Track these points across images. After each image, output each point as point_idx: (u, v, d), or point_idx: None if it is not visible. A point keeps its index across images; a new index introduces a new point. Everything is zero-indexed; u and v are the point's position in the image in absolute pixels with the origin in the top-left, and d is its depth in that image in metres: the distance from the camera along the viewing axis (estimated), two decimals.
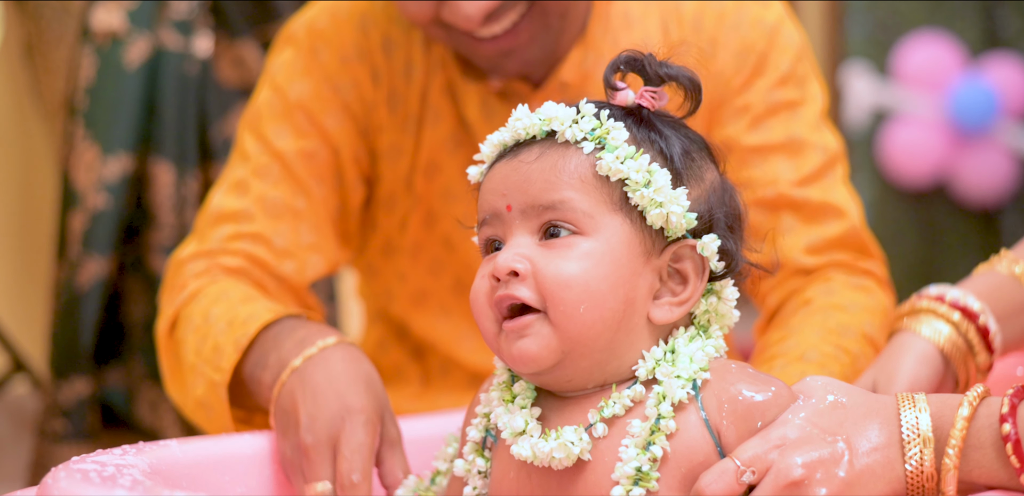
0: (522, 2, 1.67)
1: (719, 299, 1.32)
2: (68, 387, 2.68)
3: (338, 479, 1.45)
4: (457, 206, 1.87)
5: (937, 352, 1.51)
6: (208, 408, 1.65)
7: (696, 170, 1.31)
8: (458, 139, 1.86)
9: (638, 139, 1.30)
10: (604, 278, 1.25)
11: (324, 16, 1.88)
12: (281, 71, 1.87)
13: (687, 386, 1.24)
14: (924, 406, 1.21)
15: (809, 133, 1.81)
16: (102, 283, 2.66)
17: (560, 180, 1.28)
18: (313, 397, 1.50)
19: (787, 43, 1.83)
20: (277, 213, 1.81)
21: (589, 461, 1.26)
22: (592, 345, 1.27)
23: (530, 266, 1.26)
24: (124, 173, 2.66)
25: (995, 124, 4.70)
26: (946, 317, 1.52)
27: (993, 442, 1.18)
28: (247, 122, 1.88)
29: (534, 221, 1.28)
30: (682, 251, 1.29)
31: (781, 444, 1.20)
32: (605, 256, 1.26)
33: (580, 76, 1.81)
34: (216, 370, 1.63)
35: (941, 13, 4.88)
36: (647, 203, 1.26)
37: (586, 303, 1.25)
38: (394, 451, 1.52)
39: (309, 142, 1.83)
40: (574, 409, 1.29)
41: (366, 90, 1.85)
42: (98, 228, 2.67)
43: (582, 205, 1.27)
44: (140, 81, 2.70)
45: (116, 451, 1.39)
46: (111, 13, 2.71)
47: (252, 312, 1.65)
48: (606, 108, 1.32)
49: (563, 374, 1.29)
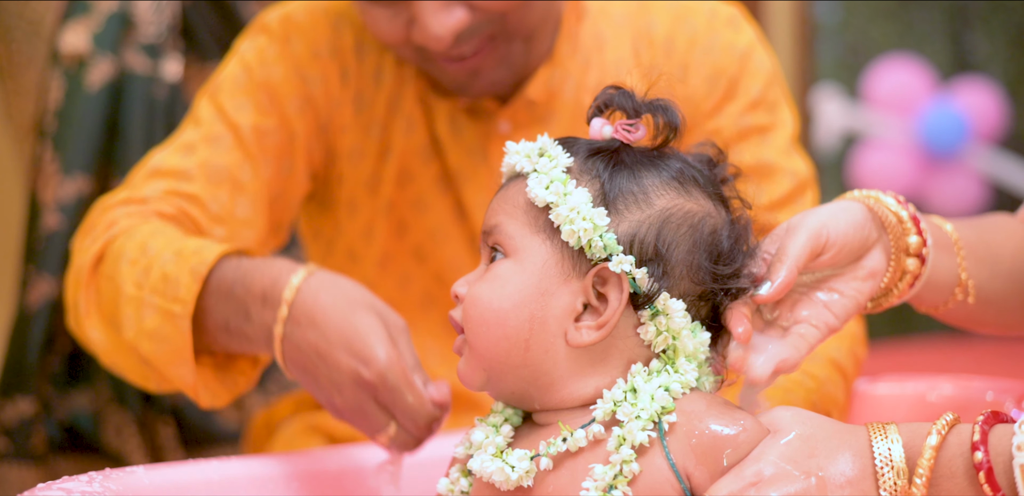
0: (490, 24, 1.68)
1: (667, 316, 1.27)
2: (12, 407, 2.66)
3: (415, 431, 1.50)
4: (428, 217, 1.87)
5: (863, 207, 1.39)
6: (162, 340, 1.61)
7: (640, 195, 1.28)
8: (430, 151, 1.86)
9: (581, 169, 1.29)
10: (507, 297, 1.26)
11: (300, 11, 1.88)
12: (251, 52, 1.86)
13: (648, 428, 1.23)
14: (896, 437, 1.20)
15: (779, 158, 1.81)
16: (50, 303, 2.64)
17: (500, 207, 1.30)
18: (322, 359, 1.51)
19: (758, 68, 1.83)
20: (218, 180, 1.79)
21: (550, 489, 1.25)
22: (505, 362, 1.27)
23: (466, 290, 1.30)
24: (80, 194, 2.65)
25: (965, 148, 4.72)
26: (874, 197, 1.42)
27: (966, 471, 1.17)
28: (206, 91, 1.87)
29: (487, 246, 1.31)
30: (604, 273, 1.26)
31: (756, 481, 1.19)
32: (515, 275, 1.27)
33: (547, 94, 1.81)
34: (173, 300, 1.59)
35: (911, 37, 4.91)
36: (562, 220, 1.26)
37: (488, 321, 1.27)
38: None
39: (267, 120, 1.82)
40: (540, 436, 1.28)
41: (333, 87, 1.85)
42: (50, 248, 2.65)
43: (508, 228, 1.28)
44: (102, 103, 2.68)
45: (82, 478, 1.38)
46: (79, 36, 2.70)
47: (202, 244, 1.63)
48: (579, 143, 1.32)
49: (503, 390, 1.30)
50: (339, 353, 1.50)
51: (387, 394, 1.49)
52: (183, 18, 2.78)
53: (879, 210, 1.40)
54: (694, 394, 1.27)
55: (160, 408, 2.67)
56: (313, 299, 1.54)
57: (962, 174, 4.77)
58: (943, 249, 1.47)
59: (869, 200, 1.41)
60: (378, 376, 1.48)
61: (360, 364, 1.49)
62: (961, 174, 4.77)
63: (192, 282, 1.59)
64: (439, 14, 1.64)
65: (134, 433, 2.70)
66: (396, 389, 1.48)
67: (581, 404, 1.28)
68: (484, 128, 1.83)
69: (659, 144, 1.32)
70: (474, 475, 1.32)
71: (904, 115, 4.73)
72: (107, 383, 2.69)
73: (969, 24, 4.95)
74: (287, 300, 1.55)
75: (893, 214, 1.40)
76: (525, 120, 1.82)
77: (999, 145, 4.88)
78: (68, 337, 2.70)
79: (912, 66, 4.80)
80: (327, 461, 1.61)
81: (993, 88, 4.87)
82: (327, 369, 1.51)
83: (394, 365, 1.48)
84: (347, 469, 1.61)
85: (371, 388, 1.49)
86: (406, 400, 1.48)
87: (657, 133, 1.32)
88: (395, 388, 1.48)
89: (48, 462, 2.70)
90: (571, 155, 1.30)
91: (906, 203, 1.43)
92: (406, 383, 1.49)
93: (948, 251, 1.48)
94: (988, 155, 4.78)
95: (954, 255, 1.49)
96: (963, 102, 4.76)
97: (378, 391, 1.49)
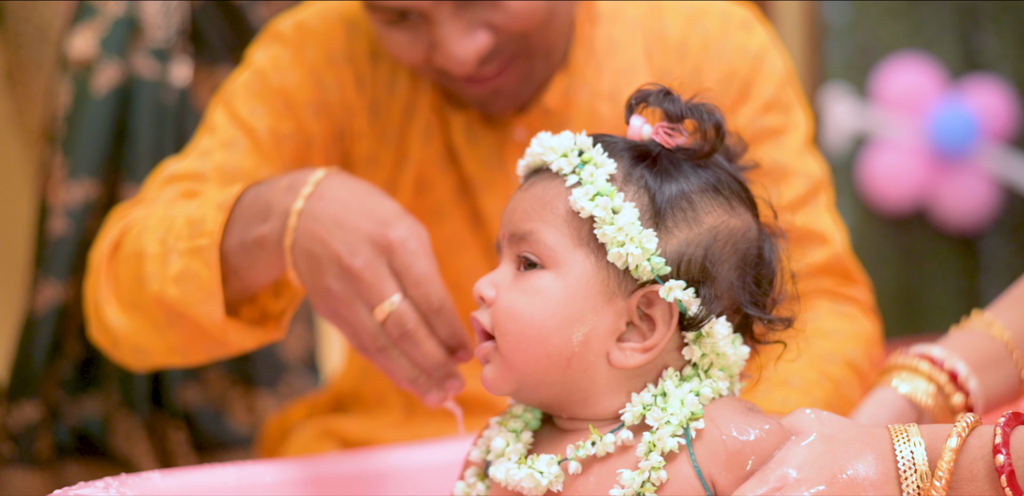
0: (512, 43, 1.66)
1: (713, 340, 1.26)
2: (18, 411, 2.66)
3: (422, 305, 1.44)
4: (445, 225, 1.86)
5: (899, 397, 1.48)
6: (189, 279, 1.58)
7: (690, 212, 1.26)
8: (447, 160, 1.85)
9: (626, 176, 1.26)
10: (551, 314, 1.23)
11: (314, 18, 1.86)
12: (265, 60, 1.84)
13: (678, 433, 1.22)
14: (919, 439, 1.20)
15: (793, 160, 1.81)
16: (57, 308, 2.64)
17: (535, 211, 1.26)
18: (339, 225, 1.47)
19: (771, 70, 1.83)
20: (233, 179, 1.76)
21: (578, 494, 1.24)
22: (543, 378, 1.25)
23: (495, 294, 1.26)
24: (87, 199, 2.64)
25: (975, 148, 4.71)
26: (910, 367, 1.51)
27: (987, 474, 1.16)
28: (219, 100, 1.84)
29: (515, 249, 1.28)
30: (652, 296, 1.24)
31: (781, 485, 1.18)
32: (558, 292, 1.24)
33: (563, 102, 1.80)
34: (200, 235, 1.57)
35: (921, 36, 4.90)
36: (609, 240, 1.23)
37: (530, 338, 1.24)
38: None
39: (284, 125, 1.80)
40: (566, 441, 1.27)
41: (349, 94, 1.83)
42: (57, 253, 2.65)
43: (547, 238, 1.25)
44: (109, 108, 2.68)
45: (98, 484, 1.38)
46: (87, 41, 2.70)
47: (223, 191, 1.62)
48: (616, 142, 1.29)
49: (533, 399, 1.28)
50: (359, 218, 1.47)
51: (404, 257, 1.45)
52: (192, 22, 2.77)
53: (915, 396, 1.46)
54: (722, 399, 1.26)
55: (172, 413, 2.67)
56: (340, 183, 1.52)
57: (973, 174, 4.75)
58: (995, 365, 1.49)
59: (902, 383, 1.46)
60: (398, 239, 1.45)
61: (382, 226, 1.46)
62: (972, 174, 4.75)
63: (217, 213, 1.57)
64: (462, 38, 1.62)
65: (143, 438, 2.70)
66: (415, 254, 1.45)
67: (614, 415, 1.27)
68: (500, 136, 1.82)
69: (707, 153, 1.29)
70: (490, 479, 1.31)
71: (914, 115, 4.71)
72: (117, 388, 2.69)
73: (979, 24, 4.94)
74: (314, 181, 1.52)
75: (932, 382, 1.45)
76: (541, 128, 1.80)
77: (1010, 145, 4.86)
78: (78, 342, 2.70)
79: (922, 66, 4.78)
80: (342, 466, 1.61)
81: (1003, 88, 4.86)
82: (342, 233, 1.47)
83: (417, 234, 1.45)
84: (362, 474, 1.61)
85: (388, 249, 1.45)
86: (420, 267, 1.44)
87: (705, 141, 1.28)
88: (414, 252, 1.45)
89: (55, 467, 2.70)
90: (611, 157, 1.27)
91: (942, 363, 1.46)
92: (424, 251, 1.45)
93: (1001, 364, 1.50)
94: (999, 155, 4.76)
95: (1010, 360, 1.50)
96: (973, 102, 4.75)
97: (395, 253, 1.45)
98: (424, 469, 1.54)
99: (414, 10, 1.62)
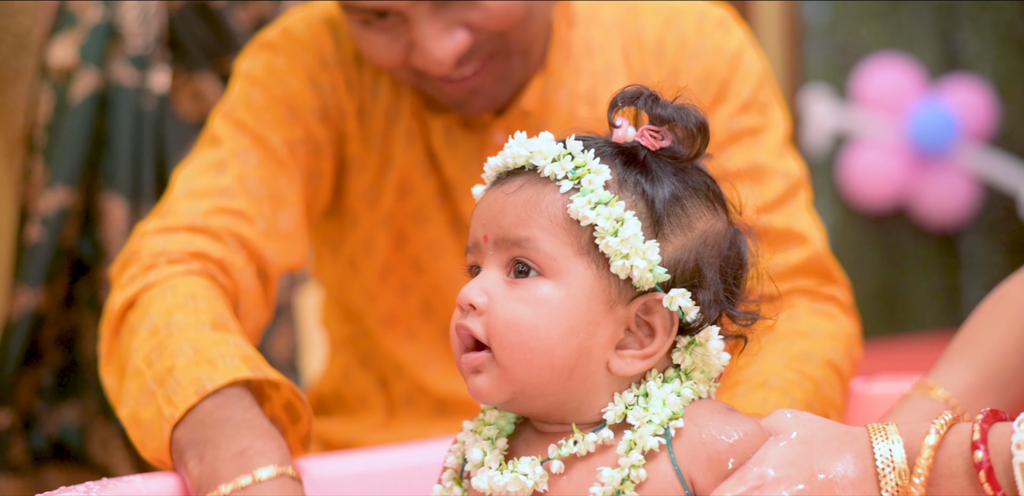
0: (489, 42, 1.67)
1: (705, 350, 1.27)
2: None
3: None
4: (428, 229, 1.86)
5: None
6: (145, 431, 1.50)
7: (684, 218, 1.26)
8: (428, 164, 1.85)
9: (621, 181, 1.25)
10: (556, 325, 1.22)
11: (299, 24, 1.85)
12: (259, 69, 1.82)
13: (659, 432, 1.22)
14: (896, 437, 1.20)
15: (771, 160, 1.81)
16: (32, 315, 2.63)
17: (530, 217, 1.24)
18: None
19: (748, 70, 1.83)
20: (259, 195, 1.73)
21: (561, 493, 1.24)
22: (543, 389, 1.24)
23: (488, 301, 1.24)
24: (62, 206, 2.64)
25: (955, 147, 4.72)
26: None
27: (966, 470, 1.17)
28: (219, 112, 1.82)
29: (504, 254, 1.25)
30: (651, 303, 1.24)
31: (760, 484, 1.18)
32: (561, 302, 1.22)
33: (541, 104, 1.80)
34: (169, 403, 1.48)
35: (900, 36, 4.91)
36: (612, 252, 1.22)
37: (534, 350, 1.22)
38: None
39: (293, 132, 1.79)
40: (545, 443, 1.27)
41: (342, 97, 1.83)
42: (32, 261, 2.65)
43: (546, 246, 1.23)
44: (86, 115, 2.67)
45: (79, 488, 1.38)
46: (66, 49, 2.70)
47: (222, 353, 1.51)
48: (600, 145, 1.28)
49: (526, 409, 1.27)
50: None
51: None
52: (170, 29, 2.77)
53: None
54: (701, 401, 1.27)
55: None
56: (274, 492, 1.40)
57: (952, 173, 4.77)
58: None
59: None
60: None
61: None
62: (951, 173, 4.77)
63: (193, 395, 1.46)
64: (440, 38, 1.62)
65: (120, 446, 2.69)
66: None
67: (597, 416, 1.27)
68: (479, 140, 1.82)
69: (694, 155, 1.29)
70: (467, 483, 1.31)
71: (894, 115, 4.73)
72: (95, 397, 2.69)
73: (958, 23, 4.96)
74: (258, 477, 1.39)
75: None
76: (519, 130, 1.80)
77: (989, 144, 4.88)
78: (57, 350, 2.70)
79: (901, 66, 4.80)
80: (324, 468, 1.61)
81: (983, 87, 4.88)
82: None
83: None
84: (344, 476, 1.61)
85: None
86: None
87: (692, 144, 1.28)
88: None
89: (31, 474, 2.70)
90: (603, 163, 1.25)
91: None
92: None
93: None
94: (978, 154, 4.78)
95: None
96: (953, 101, 4.77)
97: None
98: (404, 470, 1.54)
99: (392, 10, 1.62)
